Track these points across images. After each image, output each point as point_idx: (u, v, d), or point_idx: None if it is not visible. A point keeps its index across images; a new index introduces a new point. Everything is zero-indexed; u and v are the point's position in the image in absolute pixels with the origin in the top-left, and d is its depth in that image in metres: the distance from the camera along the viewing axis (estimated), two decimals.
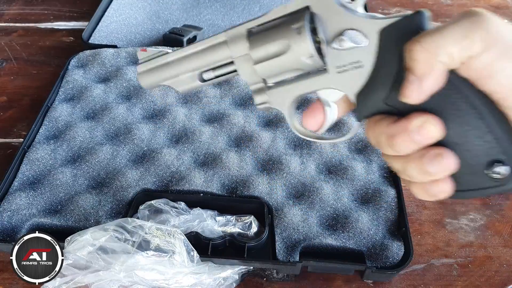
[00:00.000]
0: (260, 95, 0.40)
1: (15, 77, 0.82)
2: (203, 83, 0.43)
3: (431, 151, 0.32)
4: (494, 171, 0.32)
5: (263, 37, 0.38)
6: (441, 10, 1.02)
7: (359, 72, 0.35)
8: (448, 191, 0.33)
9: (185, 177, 0.61)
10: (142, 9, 0.96)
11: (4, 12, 0.99)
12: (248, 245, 0.53)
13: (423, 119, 0.32)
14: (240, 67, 0.40)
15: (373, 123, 0.35)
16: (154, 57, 0.45)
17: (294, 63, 0.37)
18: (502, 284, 0.54)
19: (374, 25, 0.34)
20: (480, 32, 0.29)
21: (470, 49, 0.30)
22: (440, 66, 0.30)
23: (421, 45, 0.31)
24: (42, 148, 0.64)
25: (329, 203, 0.59)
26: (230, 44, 0.40)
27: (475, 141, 0.32)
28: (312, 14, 0.36)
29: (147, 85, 0.46)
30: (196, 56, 0.42)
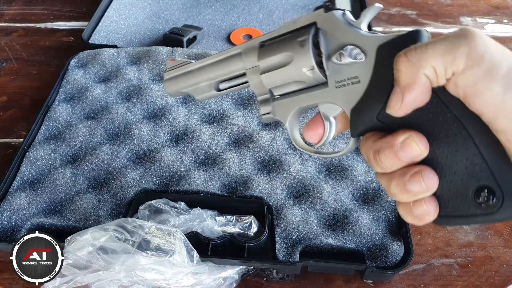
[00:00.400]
0: (265, 106, 0.42)
1: (15, 77, 0.82)
2: (219, 93, 0.46)
3: (412, 169, 0.32)
4: (481, 198, 0.30)
5: (271, 49, 0.40)
6: (441, 10, 1.02)
7: (356, 88, 0.35)
8: (432, 214, 0.32)
9: (185, 177, 0.61)
10: (142, 9, 0.96)
11: (4, 12, 0.99)
12: (248, 245, 0.53)
13: (407, 135, 0.32)
14: (250, 78, 0.42)
15: (365, 139, 0.35)
16: (179, 66, 0.48)
17: (296, 75, 0.38)
18: (502, 284, 0.54)
19: (373, 41, 0.35)
20: (464, 48, 0.29)
21: (453, 64, 0.29)
22: (423, 79, 0.30)
23: (406, 56, 0.31)
24: (42, 148, 0.64)
25: (329, 203, 0.59)
26: (243, 56, 0.42)
27: (463, 164, 0.31)
28: (318, 29, 0.37)
29: (171, 92, 0.50)
30: (214, 67, 0.45)
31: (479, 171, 0.30)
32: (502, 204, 0.29)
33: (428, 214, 0.32)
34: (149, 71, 0.78)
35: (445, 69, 0.30)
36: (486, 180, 0.30)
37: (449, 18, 1.00)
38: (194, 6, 0.99)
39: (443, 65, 0.30)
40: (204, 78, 0.46)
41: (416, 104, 0.31)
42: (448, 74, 0.30)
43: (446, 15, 1.01)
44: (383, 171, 0.34)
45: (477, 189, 0.30)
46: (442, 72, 0.30)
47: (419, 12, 1.01)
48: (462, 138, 0.31)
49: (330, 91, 0.37)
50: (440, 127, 0.31)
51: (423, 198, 0.32)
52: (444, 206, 0.32)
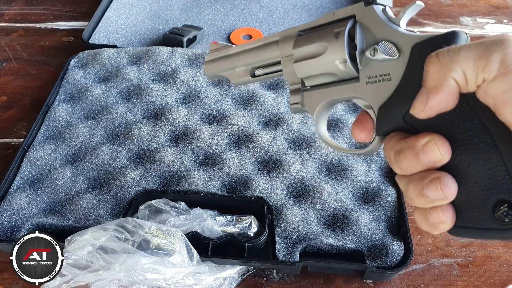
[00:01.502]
0: (295, 95, 0.42)
1: (15, 77, 0.82)
2: (253, 79, 0.47)
3: (431, 175, 0.31)
4: (501, 213, 0.29)
5: (307, 38, 0.40)
6: (441, 10, 1.02)
7: (386, 85, 0.35)
8: (448, 223, 0.31)
9: (185, 177, 0.61)
10: (142, 9, 0.96)
11: (4, 12, 0.99)
12: (248, 245, 0.53)
13: (429, 138, 0.31)
14: (284, 66, 0.42)
15: (389, 139, 0.34)
16: (220, 49, 0.49)
17: (328, 66, 0.38)
18: (502, 284, 0.54)
19: (409, 39, 0.34)
20: (498, 54, 0.27)
21: (484, 70, 0.28)
22: (451, 83, 0.29)
23: (437, 57, 0.30)
24: (42, 148, 0.64)
25: (329, 203, 0.59)
26: (280, 44, 0.42)
27: (486, 174, 0.29)
28: (355, 22, 0.37)
29: (210, 74, 0.50)
30: (251, 52, 0.45)
31: (502, 184, 0.29)
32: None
33: (444, 223, 0.31)
34: (149, 71, 0.78)
35: (476, 75, 0.28)
36: (507, 194, 0.28)
37: (449, 18, 1.00)
38: (194, 6, 0.99)
39: (474, 70, 0.28)
40: (241, 63, 0.46)
41: (440, 108, 0.30)
42: (479, 81, 0.28)
43: (446, 15, 1.01)
44: (402, 173, 0.33)
45: (497, 202, 0.29)
46: (472, 78, 0.28)
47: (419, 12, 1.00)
48: (487, 147, 0.29)
49: (361, 86, 0.36)
50: (465, 133, 0.30)
51: (440, 205, 0.31)
52: (461, 216, 0.31)
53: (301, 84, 0.41)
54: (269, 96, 0.73)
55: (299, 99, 0.42)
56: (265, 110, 0.71)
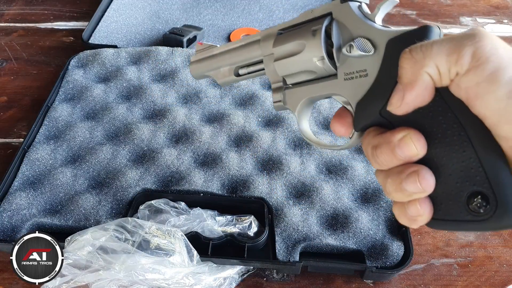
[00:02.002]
0: (277, 93, 0.43)
1: (15, 77, 0.82)
2: (238, 78, 0.47)
3: (409, 168, 0.31)
4: (474, 204, 0.29)
5: (286, 37, 0.40)
6: (441, 10, 1.02)
7: (363, 81, 0.35)
8: (426, 216, 0.31)
9: (185, 177, 0.61)
10: (142, 9, 0.96)
11: (4, 12, 0.99)
12: (248, 245, 0.53)
13: (405, 133, 0.31)
14: (266, 65, 0.42)
15: (366, 134, 0.35)
16: (205, 49, 0.49)
17: (307, 64, 0.38)
18: (502, 284, 0.54)
19: (384, 35, 0.34)
20: (470, 48, 0.28)
21: (457, 64, 0.28)
22: (426, 78, 0.30)
23: (410, 53, 0.30)
24: (42, 148, 0.64)
25: (329, 203, 0.59)
26: (261, 43, 0.43)
27: (460, 166, 0.30)
28: (332, 20, 0.37)
29: (195, 74, 0.51)
30: (234, 52, 0.46)
31: (475, 176, 0.29)
32: (494, 213, 0.28)
33: (422, 215, 0.31)
34: (149, 71, 0.78)
35: (449, 69, 0.29)
36: (481, 186, 0.29)
37: (449, 18, 1.00)
38: (194, 6, 0.99)
39: (447, 65, 0.29)
40: (226, 63, 0.46)
41: (417, 103, 0.31)
42: (452, 75, 0.29)
43: (446, 15, 1.01)
44: (380, 168, 0.33)
45: (470, 194, 0.29)
46: (445, 72, 0.29)
47: (419, 12, 1.01)
48: (461, 140, 0.30)
49: (339, 83, 0.37)
50: (439, 126, 0.31)
51: (418, 199, 0.31)
52: (437, 208, 0.31)
53: (282, 82, 0.42)
54: (269, 96, 0.73)
55: (281, 97, 0.42)
56: (265, 110, 0.71)
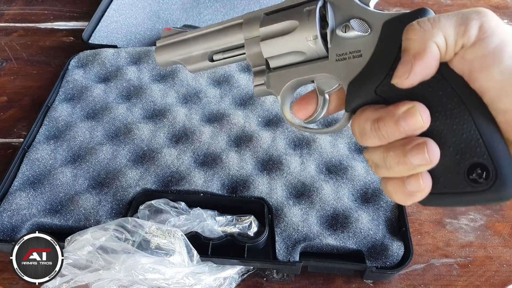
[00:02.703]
0: (260, 77, 0.42)
1: (15, 77, 0.82)
2: (211, 63, 0.45)
3: (415, 140, 0.31)
4: (474, 175, 0.30)
5: (275, 17, 0.39)
6: (441, 10, 1.02)
7: (356, 61, 0.35)
8: (425, 189, 0.31)
9: (185, 177, 0.61)
10: (142, 9, 0.96)
11: (4, 12, 0.99)
12: (248, 245, 0.53)
13: (411, 105, 0.31)
14: (248, 48, 0.41)
15: (360, 112, 0.34)
16: (174, 34, 0.47)
17: (298, 44, 0.38)
18: (502, 284, 0.54)
19: (380, 17, 0.35)
20: (476, 21, 0.29)
21: (464, 36, 0.29)
22: (434, 48, 0.30)
23: (418, 24, 0.31)
24: (42, 148, 0.64)
25: (329, 203, 0.59)
26: (244, 26, 0.41)
27: (460, 139, 0.30)
28: (326, 1, 0.37)
29: (162, 61, 0.48)
30: (211, 36, 0.44)
31: (475, 148, 0.30)
32: (494, 183, 0.29)
33: (422, 190, 0.31)
34: (149, 71, 0.78)
35: (456, 41, 0.29)
36: (481, 157, 0.30)
37: None
38: (194, 6, 0.99)
39: (454, 36, 0.29)
40: (199, 48, 0.45)
41: (423, 75, 0.31)
42: (458, 47, 0.30)
43: None
44: (378, 143, 0.33)
45: (470, 165, 0.30)
46: (452, 44, 0.30)
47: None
48: (461, 112, 0.30)
49: (330, 64, 0.37)
50: (439, 100, 0.31)
51: (420, 172, 0.31)
52: (435, 182, 0.31)
53: (265, 66, 0.41)
54: (269, 96, 0.73)
55: (264, 80, 0.41)
56: (265, 110, 0.71)
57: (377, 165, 0.34)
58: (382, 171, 0.33)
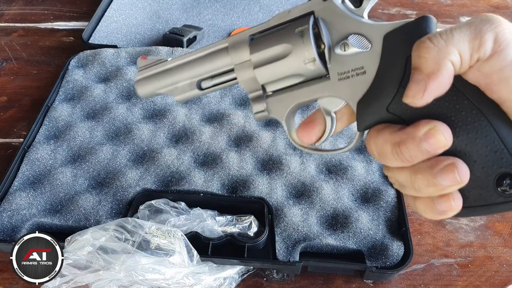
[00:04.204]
0: (258, 104, 0.39)
1: (15, 77, 0.82)
2: (201, 92, 0.43)
3: (443, 161, 0.30)
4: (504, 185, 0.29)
5: (265, 41, 0.37)
6: (441, 10, 1.02)
7: (361, 79, 0.34)
8: (457, 208, 0.30)
9: (185, 177, 0.61)
10: (142, 9, 0.96)
11: (4, 12, 0.99)
12: (248, 245, 0.53)
13: (431, 125, 0.30)
14: (240, 74, 0.39)
15: (376, 133, 0.33)
16: (154, 64, 0.44)
17: (295, 68, 0.36)
18: (502, 284, 0.54)
19: (379, 29, 0.33)
20: (491, 33, 0.28)
21: (479, 50, 0.28)
22: (449, 66, 0.29)
23: (431, 41, 0.29)
24: (42, 148, 0.64)
25: (329, 203, 0.59)
26: (231, 50, 0.39)
27: (484, 151, 0.30)
28: (316, 19, 0.35)
29: (144, 93, 0.45)
30: (196, 63, 0.41)
31: (501, 158, 0.29)
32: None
33: (452, 209, 0.31)
34: None
35: (471, 55, 0.29)
36: (508, 167, 0.29)
37: (449, 18, 1.00)
38: (194, 6, 0.99)
39: (469, 51, 0.28)
40: (185, 77, 0.42)
41: (438, 92, 0.30)
42: (473, 61, 0.29)
43: (446, 15, 1.01)
44: (402, 165, 0.32)
45: (499, 176, 0.30)
46: (467, 58, 0.29)
47: (419, 12, 1.01)
48: (482, 125, 0.30)
49: (333, 84, 0.35)
50: (457, 115, 0.30)
51: (451, 193, 0.30)
52: (465, 197, 0.31)
53: (262, 91, 0.39)
54: None
55: (263, 107, 0.39)
56: None
57: (403, 186, 0.33)
58: (410, 191, 0.32)
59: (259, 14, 0.97)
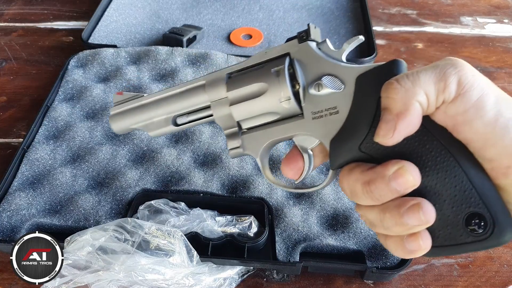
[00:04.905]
0: (233, 140, 0.40)
1: (15, 77, 0.82)
2: (176, 128, 0.43)
3: (409, 201, 0.31)
4: (473, 225, 0.30)
5: (242, 79, 0.38)
6: (441, 10, 1.02)
7: (334, 119, 0.35)
8: (426, 248, 0.31)
9: (185, 177, 0.61)
10: (142, 9, 0.96)
11: (3, 12, 0.99)
12: (248, 245, 0.53)
13: (400, 165, 0.31)
14: (216, 110, 0.40)
15: (348, 171, 0.34)
16: (129, 100, 0.44)
17: (271, 106, 0.37)
18: (502, 284, 0.54)
19: (351, 71, 0.34)
20: (454, 76, 0.29)
21: (444, 92, 0.29)
22: (417, 106, 0.30)
23: (399, 83, 0.30)
24: (41, 148, 0.64)
25: (329, 203, 0.59)
26: (208, 87, 0.40)
27: (454, 191, 0.30)
28: (292, 60, 0.37)
29: (119, 128, 0.46)
30: (172, 99, 0.42)
31: (469, 198, 0.30)
32: (493, 231, 0.29)
33: (423, 249, 0.31)
34: (148, 71, 0.78)
35: (437, 97, 0.30)
36: (476, 207, 0.30)
37: (449, 18, 1.00)
38: (194, 5, 0.99)
39: (435, 93, 0.29)
40: (161, 112, 0.43)
41: (407, 132, 0.31)
42: (439, 102, 0.30)
43: (447, 14, 1.01)
44: (372, 203, 0.32)
45: (468, 216, 0.30)
46: (433, 100, 0.30)
47: (419, 12, 1.01)
48: (451, 165, 0.30)
49: (307, 122, 0.36)
50: (427, 154, 0.31)
51: (419, 232, 0.31)
52: (435, 236, 0.31)
53: (238, 127, 0.40)
54: None
55: (239, 143, 0.40)
56: None
57: (373, 224, 0.33)
58: (380, 229, 0.33)
59: (259, 13, 0.97)
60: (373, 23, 0.90)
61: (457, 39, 0.94)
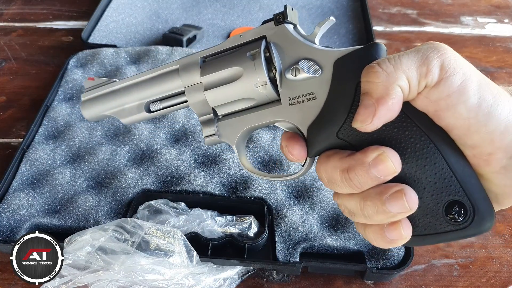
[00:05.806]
0: (208, 127, 0.39)
1: (14, 77, 0.82)
2: (149, 114, 0.42)
3: (391, 188, 0.30)
4: (453, 213, 0.29)
5: (217, 63, 0.37)
6: (441, 9, 1.02)
7: (312, 104, 0.34)
8: (407, 237, 0.31)
9: (185, 177, 0.61)
10: (142, 9, 0.96)
11: (3, 11, 0.99)
12: (248, 245, 0.53)
13: (380, 151, 0.30)
14: (190, 96, 0.38)
15: (325, 158, 0.33)
16: (101, 85, 0.43)
17: (246, 91, 0.36)
18: (502, 284, 0.54)
19: (329, 55, 0.33)
20: (437, 61, 0.28)
21: (427, 76, 0.28)
22: (398, 91, 0.29)
23: (380, 66, 0.30)
24: (41, 148, 0.64)
25: (330, 203, 0.59)
26: (181, 72, 0.38)
27: (433, 178, 0.30)
28: (268, 43, 0.35)
29: (90, 115, 0.44)
30: (145, 85, 0.40)
31: (449, 185, 0.29)
32: (473, 219, 0.29)
33: (404, 238, 0.31)
34: None
35: (419, 81, 0.29)
36: (457, 195, 0.29)
37: (449, 18, 1.00)
38: (193, 5, 0.99)
39: (416, 77, 0.29)
40: (133, 99, 0.41)
41: (387, 117, 0.30)
42: (421, 87, 0.29)
43: (447, 14, 1.01)
44: (351, 191, 0.32)
45: (448, 204, 0.30)
46: (415, 84, 0.29)
47: (419, 12, 1.01)
48: (431, 151, 0.30)
49: (284, 108, 0.35)
50: (407, 141, 0.30)
51: (400, 220, 0.30)
52: (415, 225, 0.31)
53: (213, 114, 0.38)
54: None
55: (214, 130, 0.38)
56: None
57: (352, 213, 0.32)
58: (360, 218, 0.32)
59: (259, 13, 0.97)
60: (373, 23, 0.90)
61: (457, 39, 0.94)
